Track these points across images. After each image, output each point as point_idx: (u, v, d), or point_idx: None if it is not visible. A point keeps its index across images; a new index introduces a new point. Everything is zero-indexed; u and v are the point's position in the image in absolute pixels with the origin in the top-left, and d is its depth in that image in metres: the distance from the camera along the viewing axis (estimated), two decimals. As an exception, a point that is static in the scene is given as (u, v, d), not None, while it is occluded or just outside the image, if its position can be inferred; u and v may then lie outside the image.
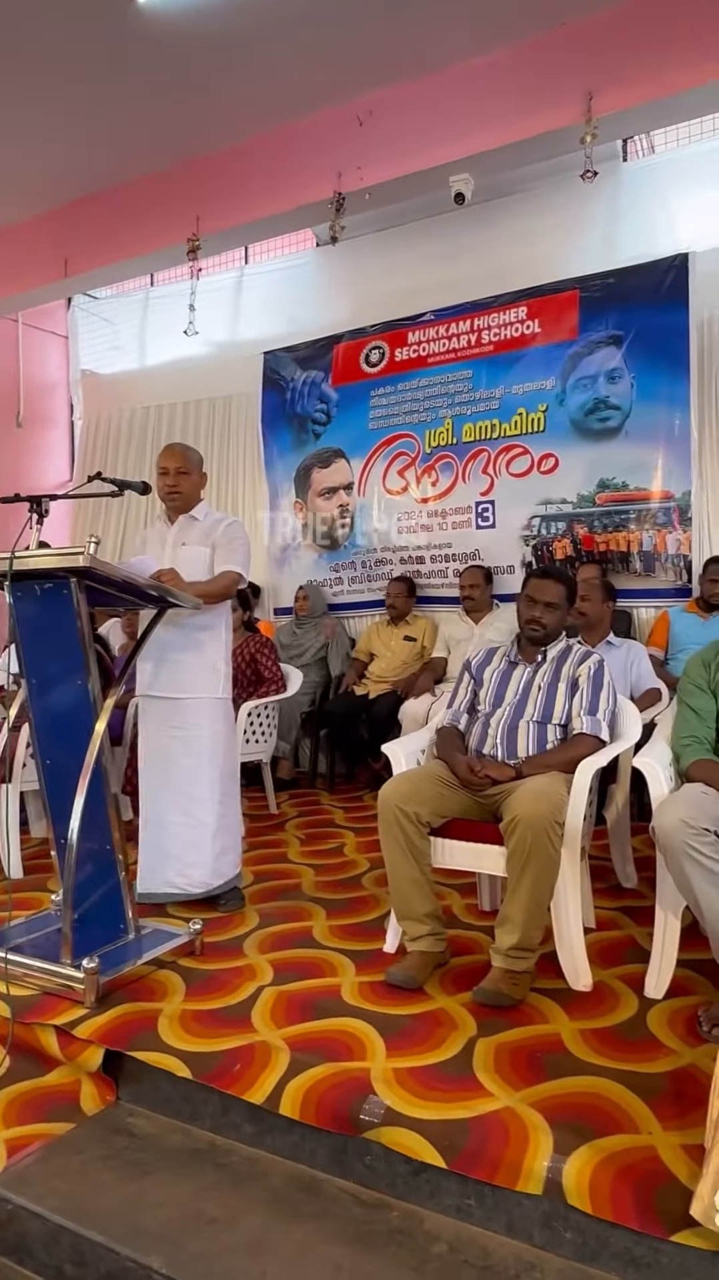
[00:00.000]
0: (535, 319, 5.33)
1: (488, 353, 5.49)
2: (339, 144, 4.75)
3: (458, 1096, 1.96)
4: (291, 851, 3.93)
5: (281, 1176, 1.96)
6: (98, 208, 5.61)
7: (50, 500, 2.68)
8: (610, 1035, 2.22)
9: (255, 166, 5.01)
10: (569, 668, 2.89)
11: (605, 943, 2.79)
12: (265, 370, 6.29)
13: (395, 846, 2.58)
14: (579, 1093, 1.97)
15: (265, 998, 2.47)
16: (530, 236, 5.38)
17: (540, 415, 5.27)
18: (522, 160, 4.56)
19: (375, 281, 5.93)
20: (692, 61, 3.90)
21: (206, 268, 5.68)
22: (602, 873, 3.32)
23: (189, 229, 5.19)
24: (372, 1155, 1.90)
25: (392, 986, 2.50)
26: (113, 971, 2.54)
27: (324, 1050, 2.16)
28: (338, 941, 2.87)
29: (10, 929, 2.90)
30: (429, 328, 5.71)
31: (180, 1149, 2.07)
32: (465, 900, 3.19)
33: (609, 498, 5.04)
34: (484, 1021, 2.30)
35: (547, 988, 2.48)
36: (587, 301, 5.15)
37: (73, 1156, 2.05)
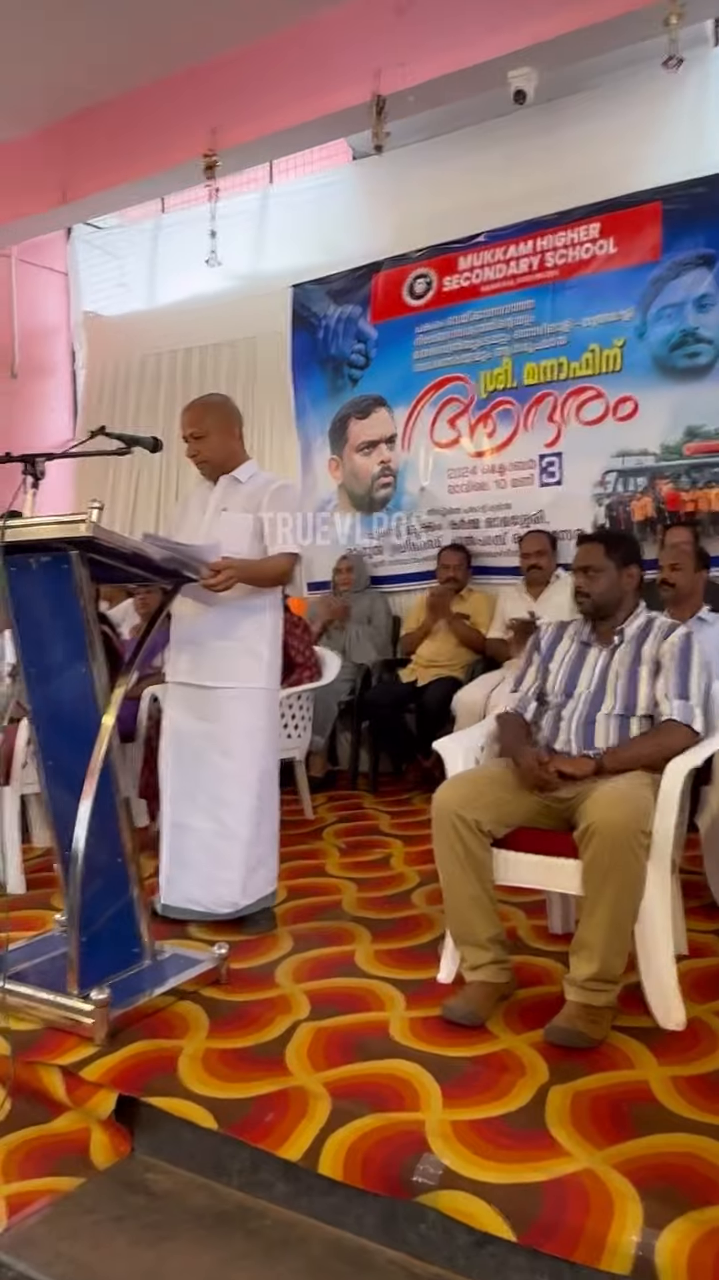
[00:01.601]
0: (610, 237, 5.20)
1: (553, 279, 5.37)
2: (377, 37, 4.63)
3: (528, 1155, 1.91)
4: (330, 863, 3.90)
5: (321, 1245, 1.92)
6: (99, 122, 5.55)
7: (46, 460, 2.63)
8: (708, 1083, 2.15)
9: (279, 67, 4.91)
10: (651, 646, 2.77)
11: (700, 972, 2.71)
12: (294, 306, 6.23)
13: (453, 859, 2.52)
14: (672, 1153, 1.91)
15: (301, 1035, 2.43)
16: (603, 140, 5.24)
17: (617, 352, 5.16)
18: (593, 49, 4.43)
19: (421, 199, 5.83)
20: None
21: (225, 189, 5.60)
22: (694, 889, 3.24)
23: (204, 143, 5.11)
24: (427, 1223, 1.85)
25: (449, 1023, 2.45)
26: (126, 1003, 2.51)
27: (370, 1098, 2.12)
28: (385, 969, 2.83)
29: (10, 953, 2.89)
30: (484, 251, 5.60)
31: (204, 1211, 2.04)
32: (533, 921, 3.12)
33: (699, 448, 4.91)
34: (558, 1066, 2.23)
35: (631, 1026, 2.41)
36: (671, 215, 5.01)
37: (83, 1217, 2.03)
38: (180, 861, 3.15)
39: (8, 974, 2.63)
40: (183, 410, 3.26)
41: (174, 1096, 2.19)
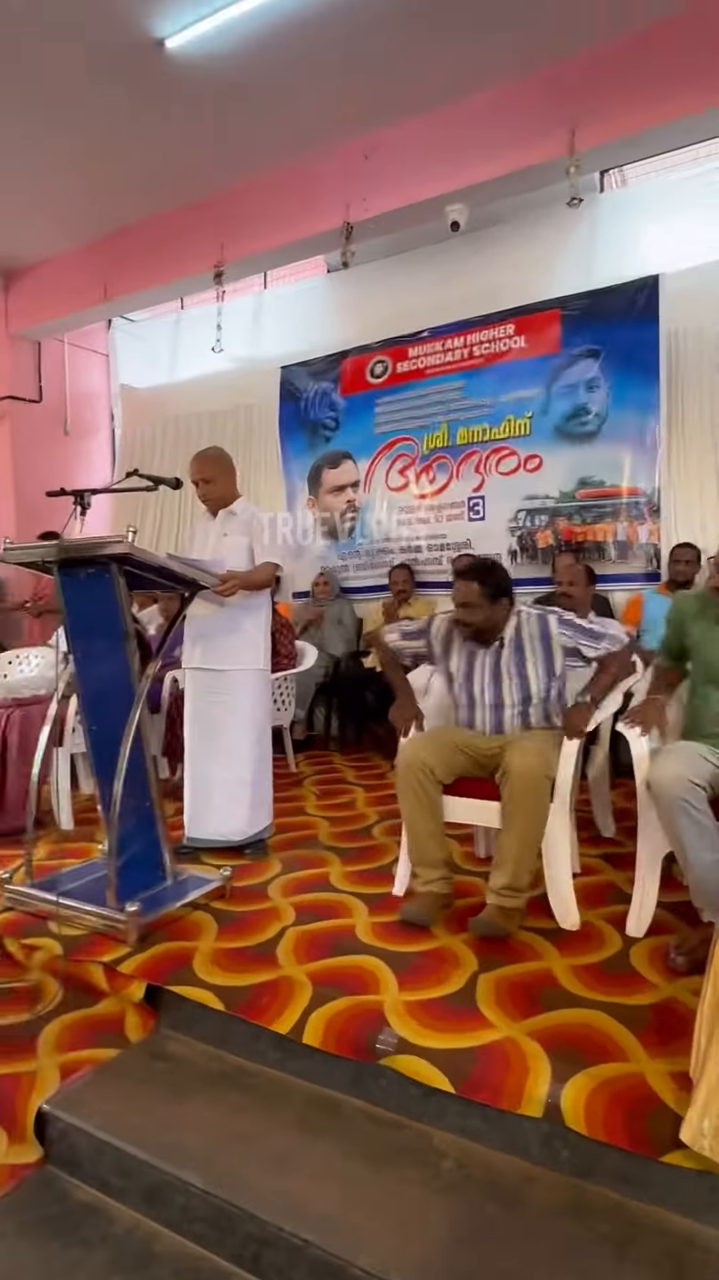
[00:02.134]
0: (522, 335, 5.18)
1: (479, 365, 5.34)
2: (347, 178, 4.61)
3: (464, 1027, 1.88)
4: (309, 805, 3.85)
5: (305, 1098, 1.88)
6: (133, 238, 5.47)
7: (92, 494, 2.57)
8: (598, 971, 2.14)
9: (273, 199, 4.88)
10: (531, 640, 2.58)
11: (590, 886, 2.70)
12: (282, 383, 6.15)
13: (415, 801, 2.49)
14: (572, 1024, 1.89)
15: (289, 937, 2.39)
16: (517, 261, 5.23)
17: (526, 420, 5.14)
18: (511, 191, 4.43)
19: (379, 304, 5.77)
20: (664, 97, 3.76)
21: (230, 292, 5.54)
22: (584, 823, 3.23)
23: (215, 257, 5.07)
24: (386, 1080, 1.82)
25: (402, 925, 2.42)
26: (152, 913, 2.46)
27: (343, 984, 2.09)
28: (352, 886, 2.79)
29: (62, 875, 2.82)
30: (427, 343, 5.55)
31: (214, 1073, 1.99)
32: (464, 849, 3.10)
33: (588, 494, 4.92)
34: (485, 958, 2.21)
35: (540, 927, 2.39)
36: (567, 319, 5.00)
37: (118, 1079, 1.97)
38: (203, 803, 3.11)
39: (61, 891, 2.56)
40: (192, 460, 3.18)
41: (190, 985, 2.14)
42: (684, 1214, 1.50)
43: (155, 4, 3.62)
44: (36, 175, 4.91)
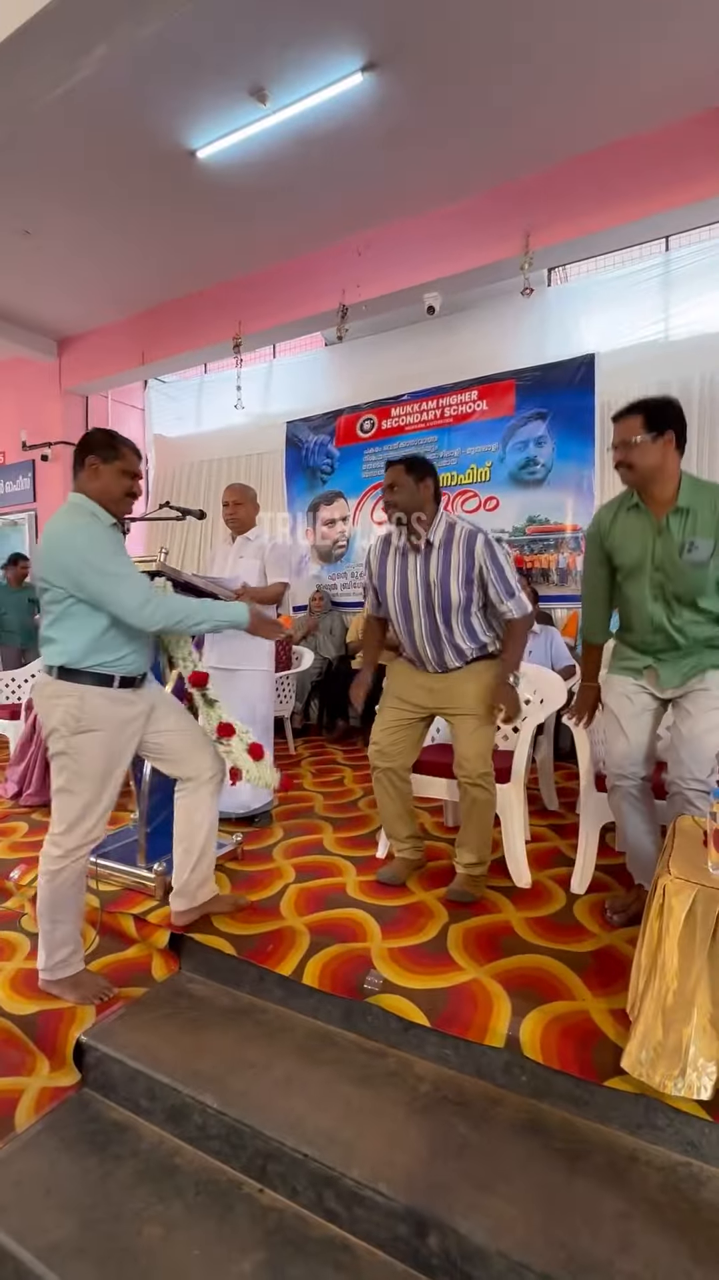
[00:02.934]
0: (484, 400, 5.16)
1: (448, 423, 5.31)
2: (343, 268, 4.57)
3: (437, 970, 1.82)
4: (306, 782, 3.78)
5: (304, 1030, 1.82)
6: (167, 313, 5.40)
7: (130, 521, 2.49)
8: (547, 922, 2.09)
9: (282, 284, 4.83)
10: (458, 556, 2.23)
11: (539, 851, 2.65)
12: (288, 435, 6.09)
13: (382, 790, 2.42)
14: (528, 968, 1.84)
15: (290, 893, 2.32)
16: (481, 340, 5.20)
17: (487, 469, 5.12)
18: (476, 282, 4.40)
19: (368, 372, 5.73)
20: (600, 209, 3.76)
21: (246, 360, 5.48)
22: (532, 799, 3.19)
23: (234, 330, 5.00)
24: (373, 1015, 1.76)
25: (383, 884, 2.36)
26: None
27: (336, 933, 2.03)
28: (342, 850, 2.73)
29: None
30: (406, 405, 5.52)
31: (228, 1008, 1.92)
32: (435, 819, 3.05)
33: (536, 529, 4.90)
34: (454, 912, 2.16)
35: (499, 886, 2.34)
36: (521, 388, 4.99)
37: (146, 1014, 1.90)
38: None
39: (99, 853, 2.48)
40: (227, 488, 3.15)
41: (207, 934, 2.06)
42: (626, 1131, 1.45)
43: (189, 121, 3.57)
44: (88, 258, 4.83)
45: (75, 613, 1.85)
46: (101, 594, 1.81)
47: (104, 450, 1.92)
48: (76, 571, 1.80)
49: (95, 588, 1.81)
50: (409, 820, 2.45)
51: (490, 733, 2.29)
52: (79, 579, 1.81)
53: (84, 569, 1.80)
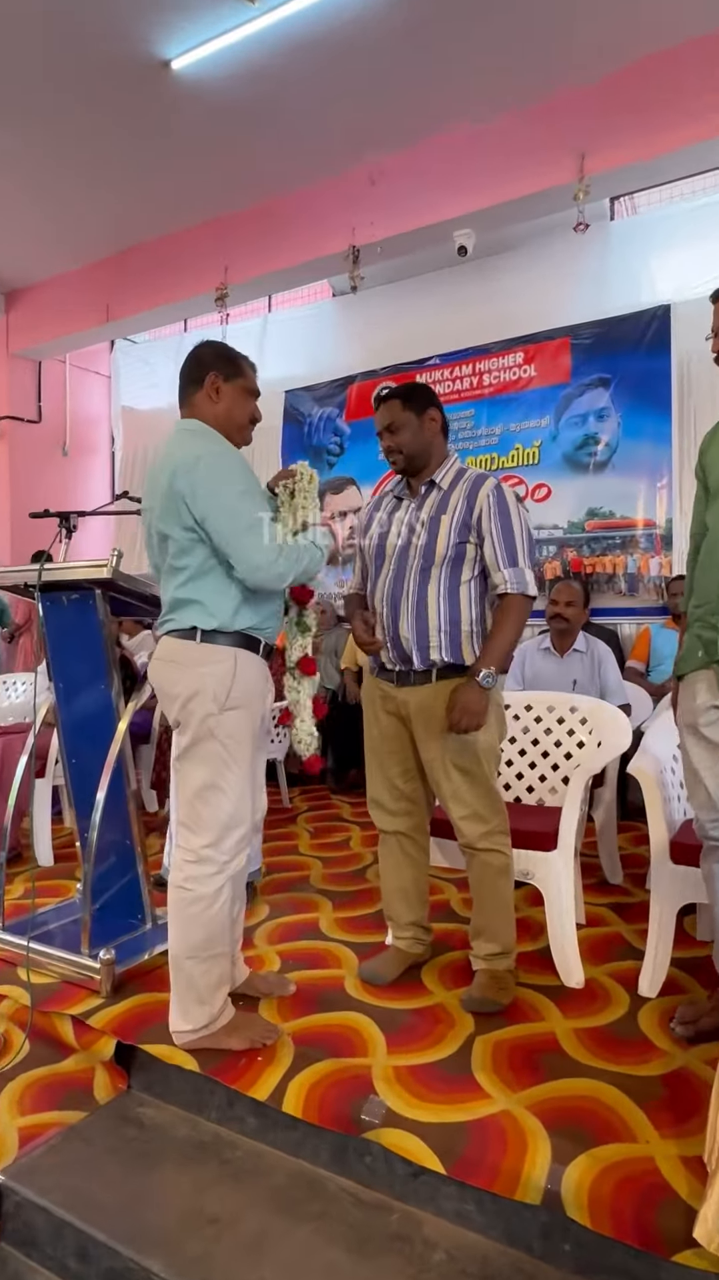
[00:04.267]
0: (531, 364, 5.17)
1: (488, 394, 5.32)
2: (353, 202, 4.61)
3: (457, 1098, 1.76)
4: (301, 844, 3.74)
5: (284, 1173, 1.75)
6: (137, 259, 5.48)
7: (79, 516, 2.50)
8: (604, 1035, 2.02)
9: (277, 222, 4.88)
10: (458, 498, 2.13)
11: (595, 939, 2.58)
12: (286, 407, 6.14)
13: (388, 859, 2.37)
14: (575, 1096, 1.77)
15: (272, 990, 2.27)
16: (526, 289, 5.20)
17: (535, 450, 5.11)
18: (519, 216, 4.42)
19: (386, 329, 5.76)
20: (675, 124, 3.75)
21: (234, 315, 5.53)
22: (589, 869, 3.12)
23: (218, 279, 5.06)
24: (372, 1156, 1.70)
25: (365, 982, 2.29)
26: (129, 961, 2.34)
27: (327, 1045, 1.97)
28: (342, 934, 2.67)
29: (37, 916, 2.71)
30: (435, 370, 5.54)
31: (186, 1141, 1.86)
32: (464, 894, 2.98)
33: (597, 525, 4.86)
34: (482, 1018, 2.09)
35: (541, 984, 2.27)
36: (578, 348, 4.99)
37: (83, 1147, 1.85)
38: None
39: (32, 935, 2.45)
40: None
41: (164, 1043, 2.01)
42: (699, 1323, 1.37)
43: (161, 24, 3.63)
44: (39, 193, 4.92)
45: (218, 566, 1.88)
46: (227, 542, 1.84)
47: (225, 365, 1.98)
48: (208, 509, 1.83)
49: (222, 532, 1.83)
50: (415, 900, 2.38)
51: (482, 778, 2.14)
52: (207, 517, 1.83)
53: (215, 507, 1.82)
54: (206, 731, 1.89)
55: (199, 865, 1.92)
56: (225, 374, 1.99)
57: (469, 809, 2.16)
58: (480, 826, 2.16)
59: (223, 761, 1.90)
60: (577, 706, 2.74)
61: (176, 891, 1.94)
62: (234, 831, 1.93)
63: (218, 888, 1.92)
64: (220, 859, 1.92)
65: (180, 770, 1.97)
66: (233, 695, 1.88)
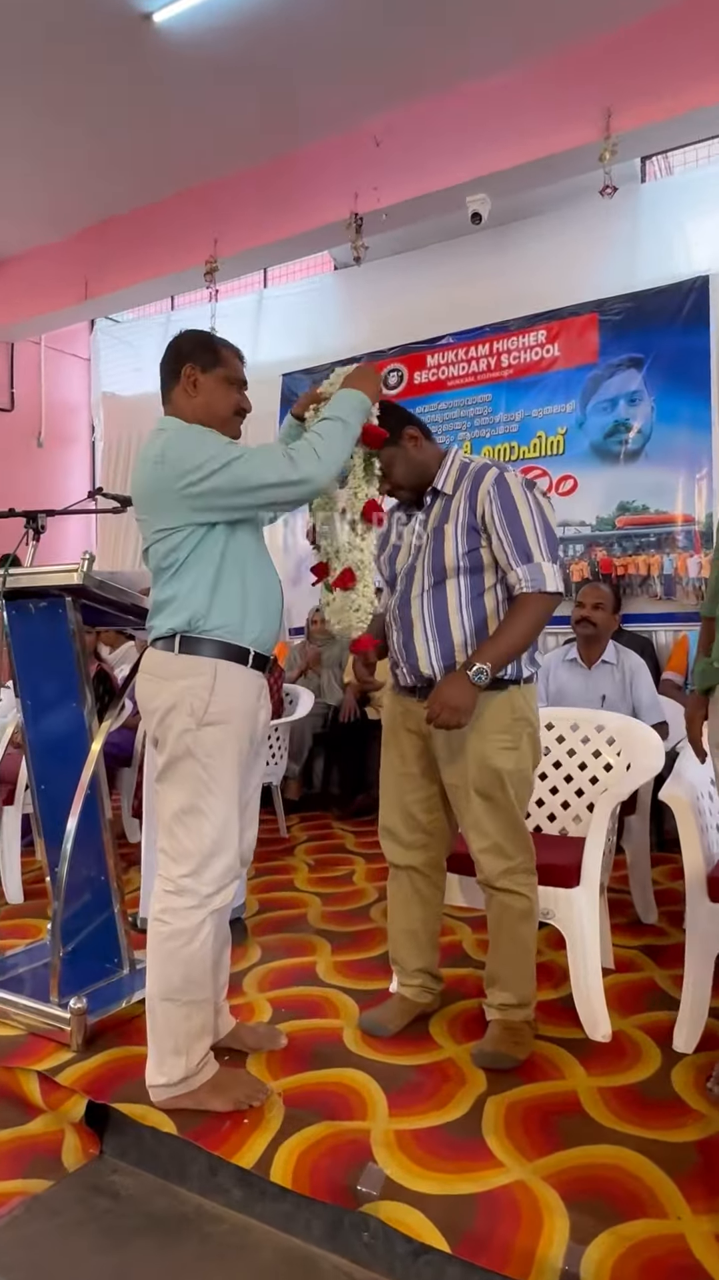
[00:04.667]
0: (555, 342, 5.18)
1: (507, 376, 5.35)
2: (355, 165, 4.63)
3: (465, 1166, 1.74)
4: (299, 878, 3.73)
5: (272, 1250, 1.74)
6: (117, 231, 5.52)
7: (46, 516, 2.51)
8: (632, 1095, 1.99)
9: (272, 188, 4.90)
10: (459, 501, 2.13)
11: (625, 986, 2.56)
12: (284, 392, 6.17)
13: (397, 896, 2.37)
14: (598, 1164, 1.75)
15: (262, 1043, 2.26)
16: (549, 259, 5.23)
17: (559, 438, 5.12)
18: (539, 180, 4.43)
19: (393, 305, 5.80)
20: (710, 76, 3.74)
21: (225, 291, 5.57)
22: (621, 907, 3.10)
23: (207, 251, 5.09)
24: (370, 1232, 1.68)
25: (366, 1033, 2.28)
26: (103, 1011, 2.33)
27: (321, 1106, 1.95)
28: (342, 979, 2.66)
29: (5, 960, 2.72)
30: (448, 351, 5.56)
31: (165, 1214, 1.85)
32: (478, 935, 2.96)
33: (629, 521, 4.85)
34: (495, 1076, 2.07)
35: (562, 1037, 2.25)
36: (606, 324, 5.00)
37: (49, 1219, 1.84)
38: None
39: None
40: None
41: (141, 1102, 2.00)
42: None
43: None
44: (9, 159, 4.97)
45: (201, 552, 1.92)
46: (236, 487, 1.87)
47: (202, 354, 2.02)
48: (189, 485, 1.86)
49: (225, 486, 1.86)
50: (425, 943, 2.37)
51: (507, 806, 2.14)
52: (196, 490, 1.86)
53: (196, 475, 1.85)
54: (184, 749, 1.90)
55: (178, 897, 1.92)
56: (202, 364, 2.01)
57: (489, 841, 2.15)
58: (501, 862, 2.15)
59: (202, 783, 1.91)
60: (604, 725, 2.73)
61: (154, 924, 1.94)
62: (217, 860, 1.93)
63: (198, 922, 1.92)
64: (202, 891, 1.92)
65: (159, 792, 1.98)
66: (211, 710, 1.89)
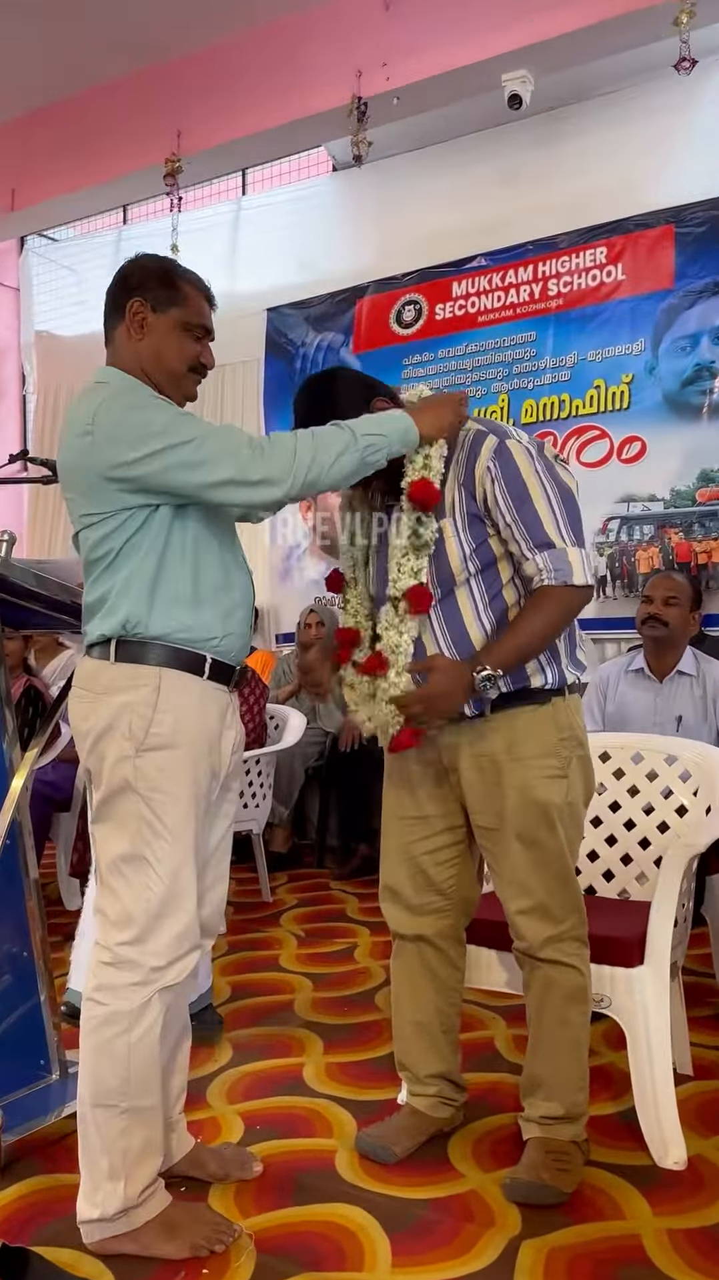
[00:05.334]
0: (619, 263, 5.23)
1: (556, 308, 5.40)
2: (359, 35, 4.66)
3: (491, 1334, 1.73)
4: (285, 955, 3.74)
5: None
6: (53, 122, 5.58)
7: (-44, 483, 2.51)
8: (712, 1239, 1.97)
9: (252, 66, 4.94)
10: (454, 486, 2.15)
11: (707, 1097, 2.55)
12: (269, 332, 6.23)
13: (405, 976, 2.36)
14: (667, 1331, 1.73)
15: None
16: (611, 156, 5.26)
17: (624, 388, 5.15)
18: (596, 52, 4.46)
19: (410, 217, 5.84)
20: None
21: (192, 200, 5.61)
22: (702, 993, 3.09)
23: (168, 147, 5.13)
24: None
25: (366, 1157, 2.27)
26: (23, 1128, 2.33)
27: (305, 1253, 1.94)
28: (336, 1087, 2.65)
29: None
30: (480, 276, 5.61)
31: None
32: (514, 1030, 2.95)
33: (713, 494, 4.86)
34: (532, 1213, 2.05)
35: (621, 1164, 2.23)
36: (685, 239, 5.04)
37: None
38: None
39: None
40: None
41: (71, 1247, 1.99)
42: None
43: None
44: None
45: (140, 540, 1.92)
46: (177, 480, 1.88)
47: (156, 287, 2.00)
48: (119, 467, 1.87)
49: (164, 474, 1.87)
50: (442, 1040, 2.36)
51: (556, 853, 2.15)
52: (132, 472, 1.87)
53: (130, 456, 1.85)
54: (120, 781, 1.90)
55: (116, 970, 1.91)
56: (154, 300, 1.99)
57: (533, 900, 2.14)
58: (548, 927, 2.14)
59: (145, 823, 1.91)
60: (676, 756, 2.72)
61: (87, 1006, 1.94)
62: (166, 924, 1.92)
63: (141, 1004, 1.90)
64: (146, 963, 1.91)
65: (95, 837, 1.99)
66: (154, 731, 1.89)
